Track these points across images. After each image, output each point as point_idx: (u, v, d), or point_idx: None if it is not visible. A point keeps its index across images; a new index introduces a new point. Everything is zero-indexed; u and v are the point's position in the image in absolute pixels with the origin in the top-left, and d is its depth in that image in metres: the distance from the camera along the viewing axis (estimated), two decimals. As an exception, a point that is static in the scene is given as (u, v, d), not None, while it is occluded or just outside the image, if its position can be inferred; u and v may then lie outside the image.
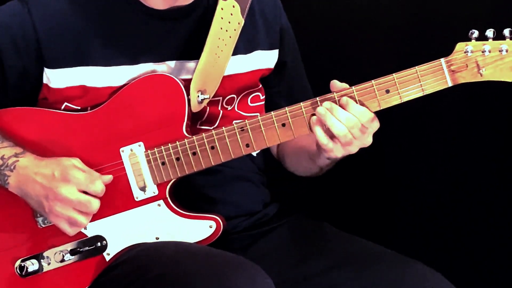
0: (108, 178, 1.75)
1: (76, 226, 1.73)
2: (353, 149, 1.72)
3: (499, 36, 1.65)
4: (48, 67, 1.79)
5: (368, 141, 1.72)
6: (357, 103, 1.69)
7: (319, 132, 1.70)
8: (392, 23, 2.27)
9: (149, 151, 1.77)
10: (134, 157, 1.78)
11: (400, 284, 1.72)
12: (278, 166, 2.05)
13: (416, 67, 1.68)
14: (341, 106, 1.69)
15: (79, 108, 1.81)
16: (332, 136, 1.69)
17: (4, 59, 1.79)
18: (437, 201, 2.36)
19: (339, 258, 1.80)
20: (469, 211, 2.33)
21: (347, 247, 1.84)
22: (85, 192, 1.72)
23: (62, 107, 1.82)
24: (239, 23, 1.85)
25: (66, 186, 1.70)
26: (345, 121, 1.67)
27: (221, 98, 1.88)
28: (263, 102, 1.96)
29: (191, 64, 1.83)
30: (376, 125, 1.72)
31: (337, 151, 1.71)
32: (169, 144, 1.76)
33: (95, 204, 1.72)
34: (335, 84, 1.72)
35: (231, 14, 1.84)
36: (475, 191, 2.32)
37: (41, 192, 1.72)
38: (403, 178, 2.38)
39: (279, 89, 1.98)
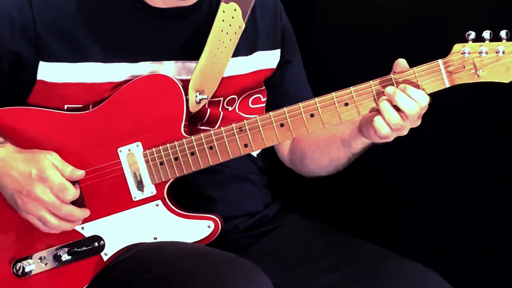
0: (80, 173, 1.74)
1: (46, 226, 1.74)
2: (405, 132, 1.71)
3: (495, 38, 1.66)
4: (45, 60, 1.77)
5: (418, 123, 1.71)
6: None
7: (388, 107, 1.66)
8: (390, 24, 2.28)
9: (147, 151, 1.77)
10: (132, 157, 1.78)
11: (399, 285, 1.73)
12: (278, 166, 2.05)
13: (414, 67, 1.69)
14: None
15: (81, 106, 1.81)
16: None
17: (1, 45, 1.77)
18: (437, 202, 2.37)
19: (338, 258, 1.80)
20: (468, 212, 2.34)
21: (346, 247, 1.85)
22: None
23: (64, 108, 1.81)
24: (240, 27, 1.86)
25: (41, 186, 1.70)
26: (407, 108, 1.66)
27: (222, 98, 1.89)
28: (264, 105, 1.96)
29: (191, 65, 1.83)
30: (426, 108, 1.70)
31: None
32: (167, 144, 1.77)
33: (65, 210, 1.72)
34: (400, 63, 1.69)
35: (232, 17, 1.85)
36: (474, 192, 2.33)
37: (15, 187, 1.72)
38: (402, 179, 2.38)
39: (281, 88, 1.99)
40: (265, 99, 1.97)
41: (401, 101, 1.65)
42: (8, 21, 1.77)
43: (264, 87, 1.96)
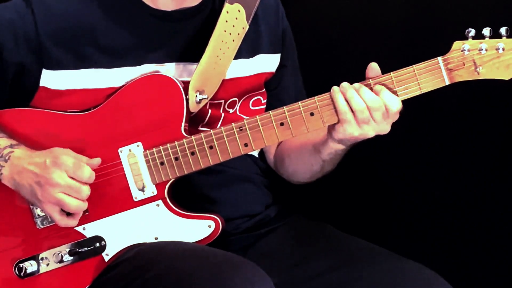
0: (96, 161, 1.75)
1: (65, 208, 1.72)
2: (370, 132, 1.71)
3: (495, 35, 1.66)
4: (48, 68, 1.78)
5: (386, 128, 1.71)
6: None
7: (340, 100, 1.69)
8: (389, 22, 2.28)
9: (147, 151, 1.77)
10: (132, 157, 1.78)
11: (399, 285, 1.72)
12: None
13: (414, 65, 1.69)
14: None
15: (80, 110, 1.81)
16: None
17: (4, 54, 1.78)
18: (437, 202, 2.37)
19: (339, 258, 1.80)
20: (468, 212, 2.34)
21: (347, 247, 1.84)
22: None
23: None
24: (243, 28, 1.86)
25: (57, 171, 1.69)
26: (369, 101, 1.68)
27: (223, 101, 1.89)
28: (265, 106, 1.96)
29: (192, 67, 1.83)
30: (397, 116, 1.71)
31: (352, 128, 1.70)
32: (168, 144, 1.77)
33: (84, 190, 1.71)
34: (373, 67, 1.72)
35: (236, 18, 1.85)
36: (474, 192, 2.33)
37: (33, 180, 1.71)
38: (402, 179, 2.39)
39: (276, 92, 1.99)
40: (265, 100, 1.97)
41: (365, 94, 1.67)
42: (11, 32, 1.77)
43: (264, 89, 1.97)
